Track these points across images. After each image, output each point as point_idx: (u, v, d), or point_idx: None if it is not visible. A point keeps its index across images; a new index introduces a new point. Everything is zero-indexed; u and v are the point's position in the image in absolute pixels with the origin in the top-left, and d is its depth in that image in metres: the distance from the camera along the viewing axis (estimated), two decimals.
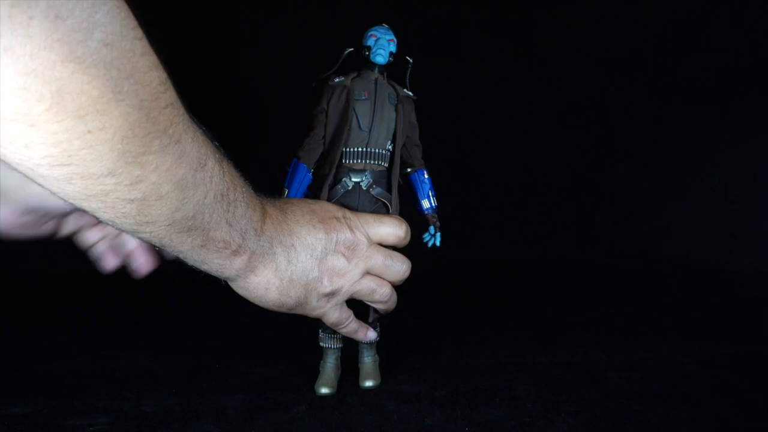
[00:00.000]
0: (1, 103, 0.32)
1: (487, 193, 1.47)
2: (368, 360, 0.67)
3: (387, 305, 0.61)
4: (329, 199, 0.61)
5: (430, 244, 0.63)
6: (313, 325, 0.63)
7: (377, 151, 0.62)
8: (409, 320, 0.91)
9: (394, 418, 0.57)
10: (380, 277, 0.59)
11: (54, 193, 0.38)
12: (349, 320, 0.60)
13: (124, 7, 0.35)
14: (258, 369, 0.71)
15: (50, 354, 0.78)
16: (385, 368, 0.68)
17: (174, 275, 0.59)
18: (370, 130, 0.62)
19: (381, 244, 0.59)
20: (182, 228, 0.44)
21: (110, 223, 0.42)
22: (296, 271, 0.54)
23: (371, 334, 0.63)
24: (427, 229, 0.64)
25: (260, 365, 0.72)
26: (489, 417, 0.57)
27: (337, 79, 0.64)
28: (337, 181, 0.62)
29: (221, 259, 0.49)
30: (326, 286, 0.56)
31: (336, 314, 0.58)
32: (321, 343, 0.65)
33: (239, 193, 0.48)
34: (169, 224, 0.43)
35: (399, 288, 0.62)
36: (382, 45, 0.62)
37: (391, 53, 0.63)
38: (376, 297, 0.59)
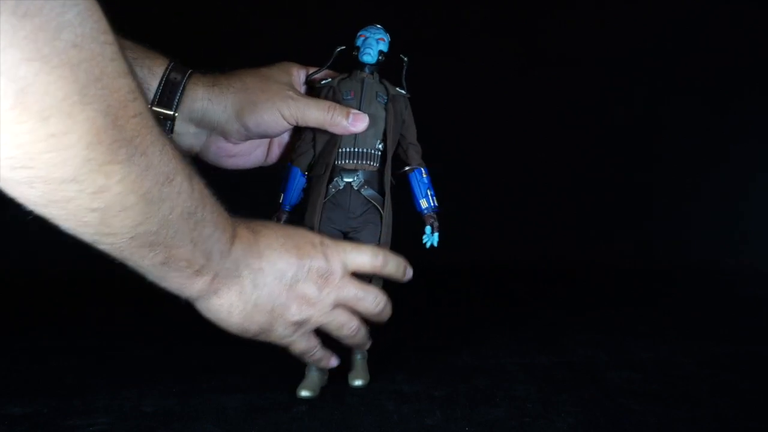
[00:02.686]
0: None
1: (487, 193, 1.47)
2: (359, 357, 0.66)
3: (355, 340, 0.60)
4: (319, 198, 0.61)
5: (428, 245, 0.63)
6: None
7: (366, 150, 0.62)
8: (408, 320, 0.91)
9: (394, 418, 0.57)
10: (352, 310, 0.58)
11: (14, 198, 0.38)
12: (316, 349, 0.59)
13: (97, 10, 0.34)
14: (258, 369, 0.71)
15: (50, 354, 0.78)
16: (384, 368, 0.68)
17: None
18: None
19: (357, 274, 0.58)
20: (144, 242, 0.43)
21: (71, 231, 0.41)
22: (262, 295, 0.52)
23: (334, 362, 0.61)
24: (424, 230, 0.63)
25: (260, 365, 0.72)
26: (489, 417, 0.57)
27: (324, 81, 0.64)
28: (329, 180, 0.62)
29: (182, 278, 0.48)
30: (294, 314, 0.54)
31: (303, 344, 0.57)
32: None
33: (208, 212, 0.47)
34: (131, 237, 0.42)
35: (398, 288, 0.61)
36: (370, 44, 0.61)
37: (380, 52, 0.62)
38: (344, 332, 0.58)
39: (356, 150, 0.61)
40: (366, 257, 0.58)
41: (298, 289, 0.54)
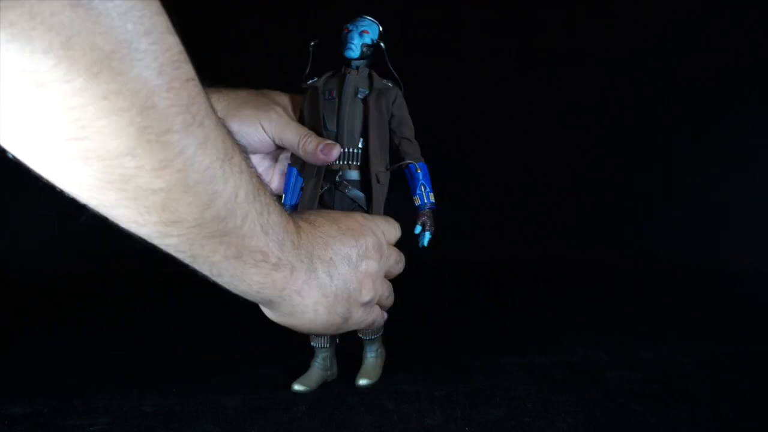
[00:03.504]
0: (2, 55, 0.28)
1: (487, 193, 1.47)
2: (370, 357, 0.66)
3: (389, 305, 0.59)
4: (312, 199, 0.61)
5: (419, 244, 0.61)
6: None
7: (348, 150, 0.60)
8: (409, 320, 0.91)
9: (394, 418, 0.57)
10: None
11: (69, 184, 0.34)
12: (383, 317, 0.58)
13: None
14: (258, 369, 0.71)
15: (50, 354, 0.78)
16: (384, 368, 0.68)
17: (174, 275, 0.59)
18: (337, 129, 0.60)
19: None
20: (213, 232, 0.40)
21: (132, 224, 0.37)
22: (339, 284, 0.50)
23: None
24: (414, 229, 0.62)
25: (260, 365, 0.72)
26: (489, 417, 0.57)
27: (310, 81, 0.63)
28: (318, 181, 0.61)
29: (260, 275, 0.45)
30: (365, 295, 0.52)
31: (372, 319, 0.56)
32: (311, 342, 0.65)
33: (269, 197, 0.44)
34: (199, 225, 0.39)
35: (398, 288, 0.61)
36: (352, 38, 0.60)
37: (365, 44, 0.60)
38: (389, 301, 0.57)
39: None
40: (395, 230, 0.58)
41: (363, 269, 0.52)
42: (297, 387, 0.63)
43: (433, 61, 1.42)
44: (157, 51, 0.32)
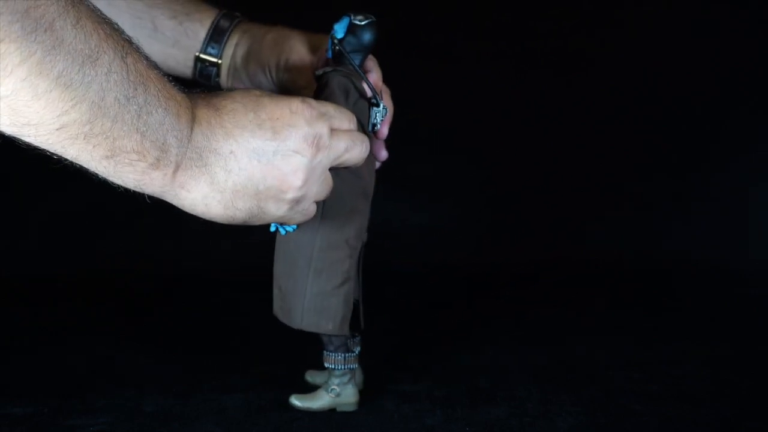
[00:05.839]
0: None
1: (487, 193, 1.47)
2: (324, 389, 0.60)
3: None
4: None
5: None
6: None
7: None
8: (408, 320, 0.91)
9: (394, 418, 0.57)
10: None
11: None
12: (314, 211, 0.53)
13: None
14: (258, 369, 0.71)
15: (50, 354, 0.78)
16: (384, 368, 0.68)
17: (174, 275, 0.59)
18: None
19: None
20: (76, 134, 0.37)
21: None
22: (239, 180, 0.46)
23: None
24: None
25: (260, 365, 0.72)
26: (489, 417, 0.57)
27: None
28: None
29: (136, 173, 0.42)
30: (288, 192, 0.48)
31: (302, 218, 0.52)
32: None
33: (152, 96, 0.41)
34: (58, 129, 0.37)
35: (398, 288, 0.61)
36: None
37: (333, 42, 0.58)
38: (320, 196, 0.52)
39: None
40: (347, 120, 0.53)
41: (286, 164, 0.48)
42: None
43: (430, 63, 1.42)
44: None
